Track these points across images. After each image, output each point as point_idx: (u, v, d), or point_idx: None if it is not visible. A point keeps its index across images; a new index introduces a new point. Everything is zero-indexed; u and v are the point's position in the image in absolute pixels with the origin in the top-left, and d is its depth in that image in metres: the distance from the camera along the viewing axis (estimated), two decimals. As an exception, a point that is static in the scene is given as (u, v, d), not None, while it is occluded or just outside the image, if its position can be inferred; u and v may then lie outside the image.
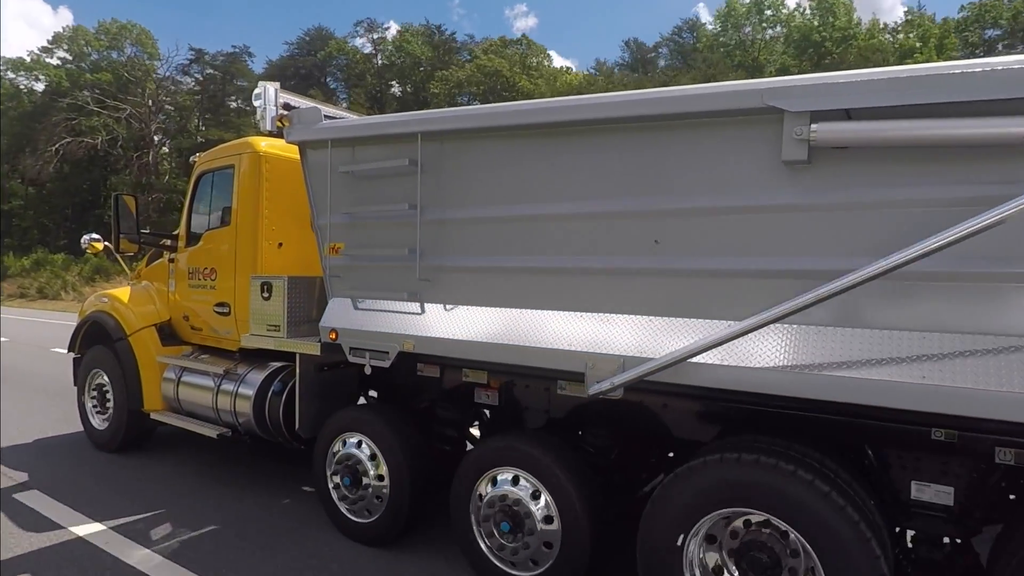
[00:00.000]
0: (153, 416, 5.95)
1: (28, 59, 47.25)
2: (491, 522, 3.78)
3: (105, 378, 6.47)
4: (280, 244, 5.43)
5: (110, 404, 6.42)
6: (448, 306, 3.96)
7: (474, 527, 3.88)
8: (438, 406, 4.90)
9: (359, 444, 4.42)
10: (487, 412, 4.80)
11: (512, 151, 3.65)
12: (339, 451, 4.51)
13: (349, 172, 4.34)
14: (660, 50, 53.02)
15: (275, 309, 4.82)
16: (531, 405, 4.41)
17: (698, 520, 3.03)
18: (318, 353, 4.54)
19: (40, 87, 45.68)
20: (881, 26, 39.63)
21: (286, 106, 4.73)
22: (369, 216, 4.32)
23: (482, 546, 3.86)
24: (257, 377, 5.23)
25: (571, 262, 3.48)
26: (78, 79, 43.57)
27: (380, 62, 51.67)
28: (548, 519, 3.58)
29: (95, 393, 6.61)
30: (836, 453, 3.15)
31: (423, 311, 4.05)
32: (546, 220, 3.56)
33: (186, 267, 5.94)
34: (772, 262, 2.95)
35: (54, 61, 46.75)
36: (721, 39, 45.38)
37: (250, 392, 5.16)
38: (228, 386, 5.35)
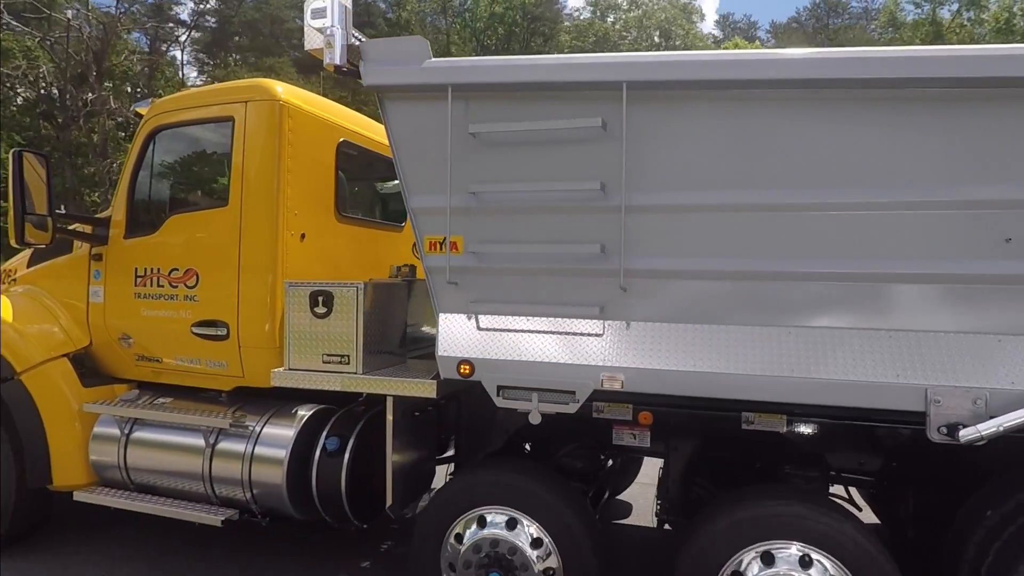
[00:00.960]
0: (77, 496, 3.87)
1: None
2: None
3: (-38, 439, 4.14)
4: (303, 236, 3.81)
5: (-24, 480, 4.12)
6: (659, 324, 2.87)
7: None
8: (566, 453, 3.74)
9: (511, 523, 3.09)
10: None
11: (776, 115, 2.69)
12: (471, 537, 3.12)
13: (484, 134, 3.02)
14: (758, 34, 42.48)
15: (341, 331, 3.28)
16: (700, 445, 3.51)
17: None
18: (433, 395, 3.13)
19: None
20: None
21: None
22: (517, 199, 3.05)
23: None
24: (285, 431, 3.57)
25: (877, 266, 2.63)
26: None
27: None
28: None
29: (-57, 464, 4.21)
30: None
31: (615, 333, 2.91)
32: (833, 209, 2.66)
33: (130, 266, 3.96)
34: None
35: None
36: (917, 18, 30.66)
37: (280, 454, 3.49)
38: (232, 445, 3.59)
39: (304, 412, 3.65)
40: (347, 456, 3.44)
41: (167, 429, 3.78)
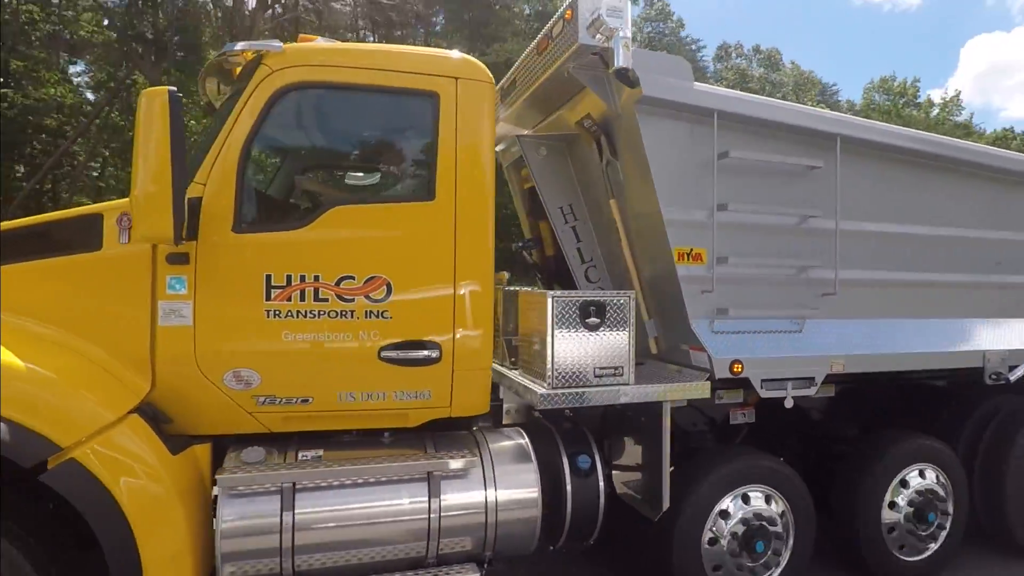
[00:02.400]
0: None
1: None
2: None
3: None
4: (489, 238, 3.40)
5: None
6: (858, 320, 3.80)
7: None
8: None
9: (767, 500, 3.54)
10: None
11: (930, 177, 3.96)
12: (733, 517, 3.43)
13: (734, 158, 3.44)
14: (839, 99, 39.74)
15: (615, 342, 3.18)
16: (787, 415, 4.53)
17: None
18: (708, 395, 3.33)
19: None
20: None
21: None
22: (756, 218, 3.56)
23: None
24: (521, 465, 3.15)
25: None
26: None
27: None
28: None
29: None
30: None
31: (828, 328, 3.72)
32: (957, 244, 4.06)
33: (255, 271, 2.80)
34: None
35: None
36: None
37: (532, 492, 3.09)
38: (462, 491, 2.97)
39: (522, 439, 3.27)
40: (600, 470, 3.29)
41: (352, 489, 2.85)
